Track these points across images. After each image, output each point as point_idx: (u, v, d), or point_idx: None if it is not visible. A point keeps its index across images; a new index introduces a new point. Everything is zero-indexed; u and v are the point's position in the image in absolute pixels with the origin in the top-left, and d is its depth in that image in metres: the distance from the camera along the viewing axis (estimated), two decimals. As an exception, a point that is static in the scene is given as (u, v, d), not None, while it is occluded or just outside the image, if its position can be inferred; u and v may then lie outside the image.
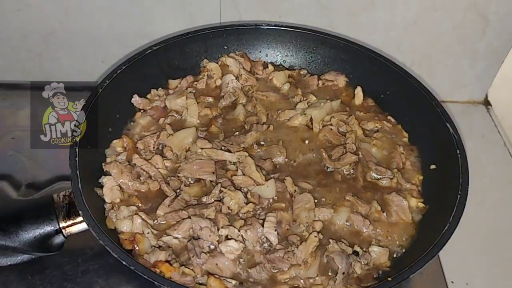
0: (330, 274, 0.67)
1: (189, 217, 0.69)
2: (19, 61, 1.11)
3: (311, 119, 0.86)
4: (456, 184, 0.71)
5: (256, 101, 0.89)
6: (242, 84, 0.92)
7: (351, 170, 0.80)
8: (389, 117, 0.90)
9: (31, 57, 1.11)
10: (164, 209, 0.71)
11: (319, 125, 0.86)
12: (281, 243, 0.69)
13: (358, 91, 0.93)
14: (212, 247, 0.67)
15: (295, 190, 0.75)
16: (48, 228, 0.70)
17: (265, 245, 0.69)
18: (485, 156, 1.04)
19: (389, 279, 0.62)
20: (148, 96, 0.89)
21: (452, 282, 0.83)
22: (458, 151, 0.75)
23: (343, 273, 0.66)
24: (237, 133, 0.83)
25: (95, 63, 1.10)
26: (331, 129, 0.85)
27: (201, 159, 0.77)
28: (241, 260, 0.67)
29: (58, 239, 0.71)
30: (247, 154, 0.78)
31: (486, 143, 1.09)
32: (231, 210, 0.71)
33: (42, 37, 1.07)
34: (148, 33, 1.04)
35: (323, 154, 0.81)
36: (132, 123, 0.86)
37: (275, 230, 0.69)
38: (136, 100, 0.87)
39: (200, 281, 0.64)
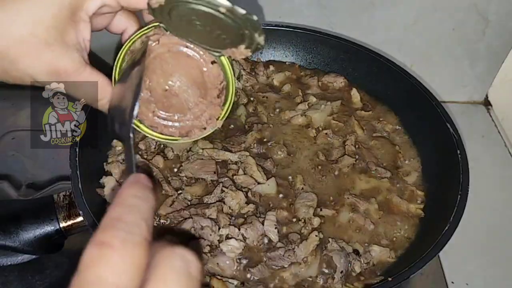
0: (329, 272, 0.67)
1: (191, 217, 0.69)
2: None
3: (311, 120, 0.86)
4: (456, 184, 0.71)
5: (257, 102, 0.89)
6: (242, 85, 0.92)
7: (351, 171, 0.80)
8: (389, 117, 0.90)
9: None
10: (166, 209, 0.71)
11: (319, 126, 0.86)
12: (281, 241, 0.69)
13: (354, 92, 0.93)
14: (212, 246, 0.67)
15: (296, 188, 0.75)
16: (48, 228, 0.70)
17: (266, 243, 0.69)
18: (485, 156, 1.04)
19: (389, 279, 0.62)
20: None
21: (452, 282, 0.83)
22: (458, 151, 0.75)
23: (342, 271, 0.66)
24: (237, 133, 0.84)
25: (95, 63, 1.10)
26: (331, 130, 0.85)
27: (202, 159, 0.77)
28: (242, 259, 0.67)
29: (58, 239, 0.71)
30: (248, 153, 0.78)
31: (486, 143, 1.09)
32: (232, 210, 0.71)
33: (42, 37, 1.07)
34: (148, 33, 1.04)
35: (321, 155, 0.81)
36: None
37: (276, 228, 0.69)
38: (136, 101, 0.87)
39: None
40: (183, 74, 0.51)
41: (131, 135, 0.44)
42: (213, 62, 0.51)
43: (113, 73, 0.50)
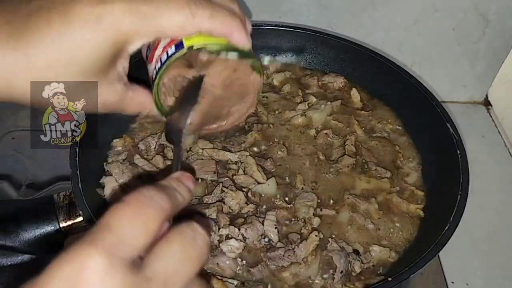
0: (329, 272, 0.67)
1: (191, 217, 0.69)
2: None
3: (311, 120, 0.86)
4: (456, 184, 0.71)
5: (257, 102, 0.89)
6: (242, 85, 0.92)
7: (351, 171, 0.80)
8: (389, 117, 0.90)
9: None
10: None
11: (319, 126, 0.86)
12: (281, 241, 0.69)
13: (354, 92, 0.93)
14: (212, 246, 0.67)
15: (296, 188, 0.75)
16: (48, 228, 0.70)
17: (266, 243, 0.69)
18: (485, 156, 1.04)
19: (389, 279, 0.62)
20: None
21: (452, 282, 0.83)
22: (458, 151, 0.75)
23: (341, 271, 0.66)
24: (237, 133, 0.84)
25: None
26: (331, 130, 0.85)
27: (202, 159, 0.77)
28: (242, 259, 0.67)
29: (58, 239, 0.71)
30: (248, 153, 0.78)
31: (486, 143, 1.09)
32: (232, 210, 0.71)
33: (42, 37, 1.07)
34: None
35: (321, 156, 0.81)
36: (132, 123, 0.86)
37: (276, 228, 0.69)
38: (136, 103, 0.87)
39: (202, 282, 0.64)
40: (230, 93, 0.55)
41: (183, 140, 0.49)
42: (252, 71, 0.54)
43: (154, 96, 0.52)
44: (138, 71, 0.52)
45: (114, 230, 0.31)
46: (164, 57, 0.49)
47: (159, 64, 0.50)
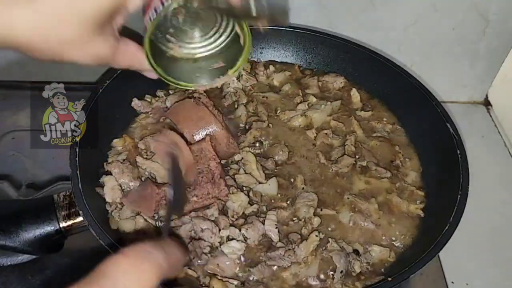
0: (329, 272, 0.67)
1: (191, 221, 0.69)
2: (19, 61, 1.11)
3: (311, 120, 0.86)
4: (456, 184, 0.71)
5: (257, 102, 0.89)
6: (243, 85, 0.92)
7: (351, 171, 0.80)
8: (389, 117, 0.90)
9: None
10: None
11: (319, 126, 0.86)
12: (282, 241, 0.69)
13: (354, 92, 0.93)
14: (213, 247, 0.67)
15: (297, 188, 0.75)
16: (48, 228, 0.70)
17: (266, 243, 0.69)
18: (485, 156, 1.04)
19: (389, 279, 0.62)
20: (147, 98, 0.89)
21: (452, 282, 0.83)
22: (458, 151, 0.75)
23: (341, 271, 0.66)
24: (238, 133, 0.84)
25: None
26: (331, 130, 0.85)
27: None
28: (242, 259, 0.67)
29: (58, 239, 0.71)
30: (248, 150, 0.78)
31: (486, 143, 1.09)
32: (236, 213, 0.71)
33: (42, 37, 1.07)
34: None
35: (321, 156, 0.81)
36: (132, 123, 0.86)
37: (276, 227, 0.69)
38: (135, 103, 0.87)
39: (202, 282, 0.64)
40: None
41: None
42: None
43: (144, 47, 0.53)
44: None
45: (110, 278, 0.33)
46: (154, 14, 0.50)
47: (151, 15, 0.51)
